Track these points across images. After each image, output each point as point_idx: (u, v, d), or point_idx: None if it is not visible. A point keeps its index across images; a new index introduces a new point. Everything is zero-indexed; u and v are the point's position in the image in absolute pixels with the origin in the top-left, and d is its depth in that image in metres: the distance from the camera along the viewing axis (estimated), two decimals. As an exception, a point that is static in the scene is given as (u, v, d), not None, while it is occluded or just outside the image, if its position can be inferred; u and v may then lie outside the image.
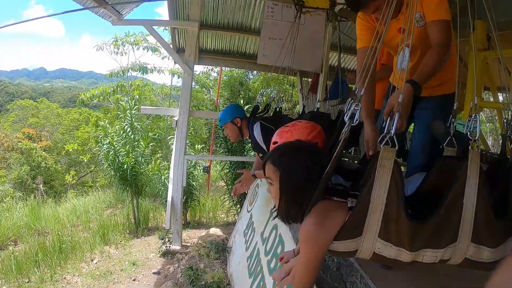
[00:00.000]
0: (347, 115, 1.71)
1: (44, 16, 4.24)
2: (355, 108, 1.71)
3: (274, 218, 1.95)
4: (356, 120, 1.69)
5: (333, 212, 1.64)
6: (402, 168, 1.90)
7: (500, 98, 5.21)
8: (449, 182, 1.65)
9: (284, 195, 1.72)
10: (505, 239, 1.65)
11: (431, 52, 2.15)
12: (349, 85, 5.25)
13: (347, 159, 5.84)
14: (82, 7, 4.65)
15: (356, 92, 1.96)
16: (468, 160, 1.59)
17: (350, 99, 2.01)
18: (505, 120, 1.89)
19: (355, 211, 1.57)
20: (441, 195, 1.64)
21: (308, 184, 1.66)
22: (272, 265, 3.23)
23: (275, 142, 2.49)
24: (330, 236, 1.62)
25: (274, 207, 1.91)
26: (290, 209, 1.73)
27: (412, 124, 2.79)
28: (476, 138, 1.70)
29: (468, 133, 1.76)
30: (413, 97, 1.93)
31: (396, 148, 1.53)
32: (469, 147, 1.64)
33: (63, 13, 4.08)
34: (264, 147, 3.49)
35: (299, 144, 1.93)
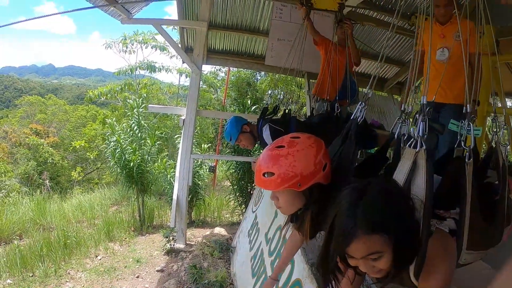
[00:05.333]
0: (418, 129, 1.53)
1: (55, 14, 4.26)
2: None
3: None
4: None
5: (451, 247, 1.39)
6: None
7: (509, 103, 5.18)
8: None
9: (403, 257, 1.29)
10: None
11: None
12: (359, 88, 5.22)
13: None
14: (93, 5, 4.69)
15: (365, 95, 1.95)
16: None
17: (360, 103, 1.98)
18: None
19: (459, 236, 1.45)
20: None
21: (416, 227, 1.31)
22: (275, 265, 3.23)
23: (269, 174, 1.71)
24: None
25: None
26: (405, 267, 1.34)
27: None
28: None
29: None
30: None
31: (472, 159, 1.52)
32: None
33: (72, 10, 4.11)
34: None
35: (376, 185, 1.34)
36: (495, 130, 1.90)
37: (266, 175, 1.71)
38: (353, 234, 1.20)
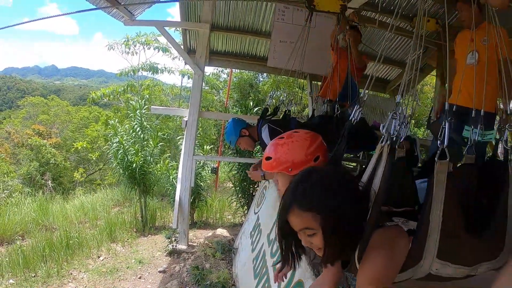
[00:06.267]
0: (384, 127, 1.57)
1: (58, 15, 4.26)
2: (392, 119, 1.57)
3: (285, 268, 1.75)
4: (401, 137, 1.53)
5: (398, 242, 1.43)
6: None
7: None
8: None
9: (333, 238, 1.38)
10: None
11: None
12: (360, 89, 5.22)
13: (355, 164, 5.83)
14: (95, 7, 4.70)
15: (364, 98, 1.96)
16: (509, 169, 1.61)
17: (357, 105, 2.01)
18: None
19: (418, 237, 1.45)
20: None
21: (355, 215, 1.40)
22: (277, 267, 3.23)
23: (268, 158, 2.14)
24: (398, 271, 1.42)
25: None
26: (341, 251, 1.44)
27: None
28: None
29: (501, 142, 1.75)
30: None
31: (448, 159, 1.47)
32: (509, 157, 1.65)
33: (75, 12, 4.12)
34: None
35: (321, 172, 1.54)
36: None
37: (267, 159, 2.13)
38: (289, 207, 1.41)
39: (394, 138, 1.56)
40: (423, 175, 2.01)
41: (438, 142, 1.54)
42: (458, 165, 1.79)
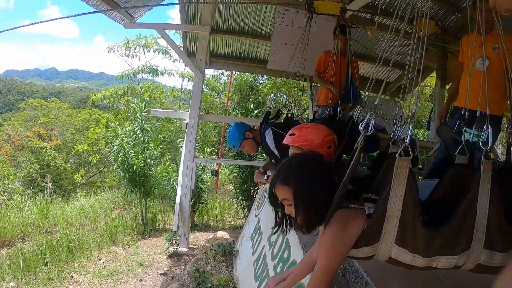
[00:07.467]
0: (361, 125, 1.72)
1: (59, 18, 4.27)
2: (370, 118, 1.73)
3: (278, 231, 1.98)
4: (371, 129, 1.70)
5: (353, 222, 1.66)
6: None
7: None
8: (461, 190, 1.69)
9: (301, 209, 1.71)
10: None
11: None
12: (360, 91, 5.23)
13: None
14: (96, 10, 4.71)
15: (365, 100, 1.99)
16: (481, 169, 1.62)
17: (359, 106, 2.06)
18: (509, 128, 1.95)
19: (373, 220, 1.63)
20: (454, 202, 1.68)
21: (322, 194, 1.68)
22: (278, 269, 3.24)
23: (292, 134, 2.67)
24: (350, 246, 1.66)
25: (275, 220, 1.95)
26: (308, 221, 1.75)
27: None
28: (489, 147, 1.69)
29: (480, 142, 1.76)
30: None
31: (411, 157, 1.58)
32: (481, 157, 1.65)
33: (76, 15, 4.13)
34: (277, 153, 3.47)
35: (302, 156, 1.95)
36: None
37: (291, 135, 2.68)
38: (275, 181, 1.78)
39: (394, 137, 1.82)
40: (435, 175, 2.11)
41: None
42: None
